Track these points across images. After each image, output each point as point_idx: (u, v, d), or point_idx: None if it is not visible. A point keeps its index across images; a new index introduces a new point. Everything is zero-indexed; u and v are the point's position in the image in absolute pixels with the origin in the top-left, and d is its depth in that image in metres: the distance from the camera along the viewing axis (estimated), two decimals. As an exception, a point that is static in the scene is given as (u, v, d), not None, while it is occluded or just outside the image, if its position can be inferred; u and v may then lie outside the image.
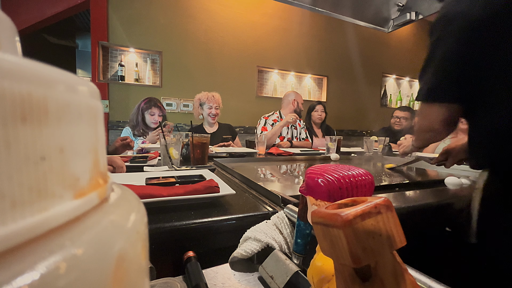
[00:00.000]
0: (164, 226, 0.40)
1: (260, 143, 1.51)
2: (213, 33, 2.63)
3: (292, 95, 2.11)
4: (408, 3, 1.48)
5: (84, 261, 0.08)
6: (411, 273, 0.17)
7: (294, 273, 0.30)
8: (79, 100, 0.10)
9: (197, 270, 0.32)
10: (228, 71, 2.73)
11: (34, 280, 0.06)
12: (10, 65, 0.07)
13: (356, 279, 0.16)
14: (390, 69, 3.63)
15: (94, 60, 2.23)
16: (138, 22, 2.36)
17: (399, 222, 0.16)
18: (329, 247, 0.16)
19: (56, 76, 0.09)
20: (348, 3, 1.46)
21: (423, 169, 1.13)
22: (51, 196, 0.08)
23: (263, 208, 0.50)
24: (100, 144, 0.11)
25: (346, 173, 0.23)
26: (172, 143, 0.89)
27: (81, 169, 0.10)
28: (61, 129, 0.09)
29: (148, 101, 1.69)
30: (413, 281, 0.16)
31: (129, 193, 0.13)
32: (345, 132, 3.41)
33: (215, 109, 1.86)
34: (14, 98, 0.07)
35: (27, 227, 0.07)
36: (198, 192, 0.49)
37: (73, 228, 0.08)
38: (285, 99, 2.15)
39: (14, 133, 0.07)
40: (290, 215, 0.39)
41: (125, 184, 0.40)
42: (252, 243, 0.36)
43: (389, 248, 0.15)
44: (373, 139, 1.65)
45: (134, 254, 0.10)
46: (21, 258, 0.07)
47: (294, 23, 2.96)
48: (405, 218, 0.55)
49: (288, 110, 2.10)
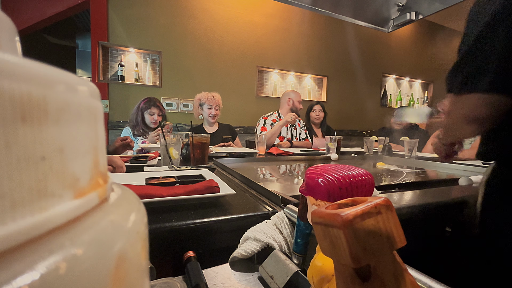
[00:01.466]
0: (164, 226, 0.40)
1: (260, 143, 1.51)
2: (213, 33, 2.63)
3: (288, 94, 2.12)
4: (408, 3, 1.48)
5: (84, 261, 0.08)
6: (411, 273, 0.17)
7: (294, 273, 0.30)
8: (79, 100, 0.10)
9: (197, 270, 0.32)
10: (228, 71, 2.73)
11: (34, 280, 0.06)
12: (10, 65, 0.07)
13: (356, 279, 0.16)
14: (390, 69, 3.63)
15: (94, 60, 2.23)
16: (138, 22, 2.36)
17: (399, 222, 0.16)
18: (329, 247, 0.16)
19: (56, 76, 0.09)
20: (348, 3, 1.46)
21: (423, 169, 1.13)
22: (51, 196, 0.08)
23: (263, 208, 0.50)
24: (100, 144, 0.11)
25: (346, 173, 0.23)
26: (172, 143, 0.89)
27: (81, 169, 0.10)
28: (61, 129, 0.09)
29: (147, 101, 1.69)
30: (413, 281, 0.16)
31: (129, 193, 0.13)
32: (345, 132, 3.41)
33: (215, 109, 1.86)
34: (14, 98, 0.07)
35: (27, 227, 0.07)
36: (198, 192, 0.49)
37: (73, 228, 0.08)
38: (282, 98, 2.15)
39: (14, 133, 0.07)
40: (290, 215, 0.39)
41: (125, 184, 0.40)
42: (252, 243, 0.36)
43: (389, 248, 0.15)
44: (373, 139, 1.66)
45: (134, 254, 0.10)
46: (21, 258, 0.07)
47: (294, 23, 2.96)
48: (405, 218, 0.55)
49: (285, 110, 2.10)
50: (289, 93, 2.12)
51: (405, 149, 1.61)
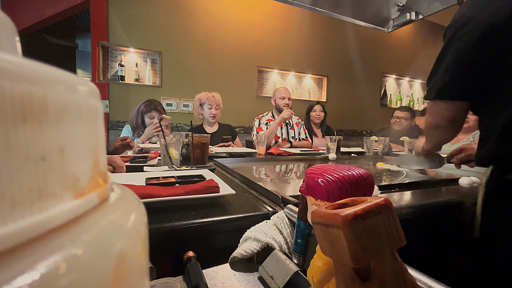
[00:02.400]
0: (164, 226, 0.40)
1: (260, 143, 1.51)
2: (213, 33, 2.63)
3: (273, 94, 2.12)
4: (408, 3, 1.48)
5: (84, 261, 0.08)
6: (411, 273, 0.17)
7: (294, 273, 0.30)
8: (79, 100, 0.10)
9: (197, 270, 0.32)
10: (228, 71, 2.73)
11: (34, 280, 0.06)
12: (10, 65, 0.07)
13: (356, 279, 0.16)
14: (390, 69, 3.63)
15: (94, 60, 2.23)
16: (138, 22, 2.36)
17: (399, 222, 0.16)
18: (329, 247, 0.16)
19: (56, 76, 0.09)
20: (348, 3, 1.46)
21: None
22: (51, 196, 0.08)
23: (263, 208, 0.50)
24: (100, 144, 0.11)
25: (346, 173, 0.23)
26: (172, 143, 0.89)
27: (81, 169, 0.10)
28: (61, 129, 0.09)
29: (148, 104, 1.67)
30: (413, 281, 0.16)
31: (129, 193, 0.13)
32: (345, 132, 3.41)
33: (215, 109, 1.86)
34: (14, 98, 0.07)
35: (27, 227, 0.07)
36: (198, 192, 0.49)
37: (73, 228, 0.08)
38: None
39: (14, 133, 0.07)
40: (290, 215, 0.39)
41: (125, 184, 0.40)
42: (252, 243, 0.36)
43: (389, 248, 0.15)
44: (373, 139, 1.66)
45: (134, 254, 0.10)
46: (21, 258, 0.07)
47: (294, 23, 2.96)
48: (405, 218, 0.55)
49: (275, 110, 2.11)
50: (275, 91, 2.13)
51: (405, 149, 1.61)
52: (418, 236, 0.53)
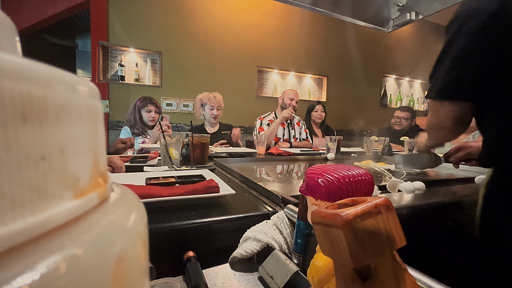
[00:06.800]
0: (164, 226, 0.40)
1: (260, 143, 1.51)
2: (213, 33, 2.63)
3: (283, 93, 2.14)
4: (408, 3, 1.48)
5: (84, 261, 0.08)
6: (411, 273, 0.17)
7: (294, 273, 0.30)
8: (79, 100, 0.10)
9: (197, 270, 0.32)
10: (228, 71, 2.72)
11: (34, 280, 0.06)
12: (10, 65, 0.07)
13: (356, 279, 0.16)
14: (390, 69, 3.63)
15: (94, 60, 2.23)
16: (138, 22, 2.35)
17: (399, 222, 0.16)
18: (329, 247, 0.16)
19: (56, 76, 0.09)
20: (348, 3, 1.46)
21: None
22: (51, 196, 0.08)
23: (263, 208, 0.50)
24: (100, 144, 0.11)
25: (346, 173, 0.23)
26: (172, 143, 0.89)
27: (81, 169, 0.10)
28: (61, 129, 0.09)
29: (143, 99, 1.71)
30: (413, 281, 0.16)
31: (129, 193, 0.13)
32: (345, 132, 3.41)
33: (217, 109, 1.86)
34: (14, 98, 0.07)
35: (27, 227, 0.07)
36: (198, 192, 0.49)
37: (73, 228, 0.08)
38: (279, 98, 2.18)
39: (14, 133, 0.07)
40: (290, 215, 0.39)
41: (125, 184, 0.40)
42: (252, 243, 0.36)
43: (389, 248, 0.15)
44: (373, 139, 1.65)
45: (134, 254, 0.10)
46: (21, 258, 0.07)
47: (294, 23, 2.96)
48: (405, 218, 0.55)
49: (279, 109, 2.12)
50: (284, 92, 2.14)
51: (405, 149, 1.61)
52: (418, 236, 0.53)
